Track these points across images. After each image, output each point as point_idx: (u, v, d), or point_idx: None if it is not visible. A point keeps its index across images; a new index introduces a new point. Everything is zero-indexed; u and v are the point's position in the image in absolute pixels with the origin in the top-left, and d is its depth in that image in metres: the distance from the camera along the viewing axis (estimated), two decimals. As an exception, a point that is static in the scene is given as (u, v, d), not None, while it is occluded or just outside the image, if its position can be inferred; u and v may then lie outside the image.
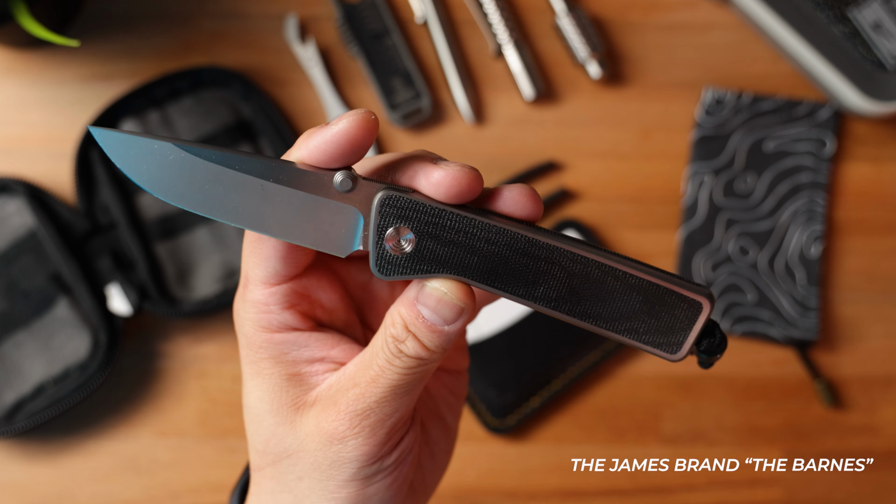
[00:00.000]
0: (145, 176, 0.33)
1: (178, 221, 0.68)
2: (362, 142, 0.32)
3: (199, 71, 0.69)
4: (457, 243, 0.33)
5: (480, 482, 0.67)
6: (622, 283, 0.33)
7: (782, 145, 0.71)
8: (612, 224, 0.71)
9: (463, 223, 0.33)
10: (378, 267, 0.33)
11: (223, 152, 0.33)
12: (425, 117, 0.71)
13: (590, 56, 0.71)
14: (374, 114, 0.33)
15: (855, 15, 0.69)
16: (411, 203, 0.32)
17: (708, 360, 0.35)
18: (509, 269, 0.33)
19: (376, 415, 0.34)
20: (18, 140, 0.70)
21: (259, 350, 0.36)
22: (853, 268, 0.71)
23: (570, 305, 0.33)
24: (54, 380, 0.64)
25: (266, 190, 0.33)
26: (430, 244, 0.33)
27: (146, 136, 0.33)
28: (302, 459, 0.35)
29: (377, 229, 0.33)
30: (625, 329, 0.34)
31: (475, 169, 0.33)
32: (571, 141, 0.72)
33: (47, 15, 0.67)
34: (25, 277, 0.65)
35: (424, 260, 0.33)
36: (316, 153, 0.33)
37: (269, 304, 0.36)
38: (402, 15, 0.73)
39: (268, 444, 0.37)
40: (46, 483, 0.66)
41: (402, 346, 0.33)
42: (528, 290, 0.33)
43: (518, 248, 0.33)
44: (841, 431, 0.69)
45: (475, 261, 0.33)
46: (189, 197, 0.33)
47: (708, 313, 0.34)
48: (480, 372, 0.67)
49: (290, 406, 0.36)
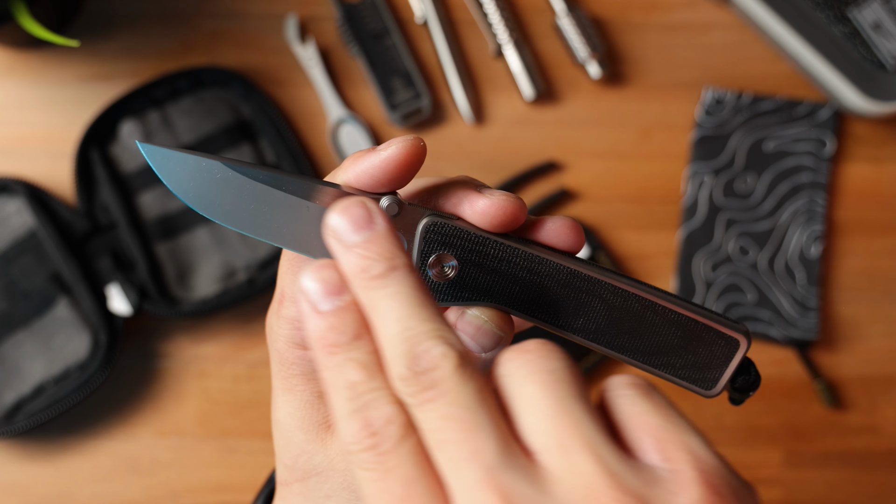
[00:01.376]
0: (192, 194, 0.33)
1: (178, 221, 0.68)
2: (410, 168, 0.32)
3: (199, 71, 0.69)
4: (499, 272, 0.33)
5: (480, 482, 0.67)
6: (661, 318, 0.33)
7: (782, 145, 0.71)
8: (612, 224, 0.71)
9: (506, 252, 0.33)
10: None
11: (270, 172, 0.33)
12: (425, 117, 0.71)
13: (590, 56, 0.71)
14: (422, 140, 0.33)
15: (855, 15, 0.69)
16: (455, 230, 0.33)
17: (741, 397, 0.35)
18: (550, 299, 0.33)
19: None
20: (18, 140, 0.70)
21: (291, 367, 0.36)
22: (853, 268, 0.71)
23: (609, 338, 0.33)
24: (54, 380, 0.64)
25: (311, 212, 0.33)
26: (473, 272, 0.33)
27: (194, 154, 0.33)
28: (331, 478, 0.35)
29: (421, 255, 0.33)
30: (661, 363, 0.34)
31: (520, 198, 0.33)
32: (571, 141, 0.72)
33: (47, 15, 0.67)
34: (25, 277, 0.65)
35: (466, 287, 0.33)
36: (364, 177, 0.33)
37: None
38: (402, 15, 0.73)
39: (297, 460, 0.36)
40: (46, 483, 0.66)
41: None
42: (568, 322, 0.33)
43: (560, 279, 0.33)
44: (841, 431, 0.69)
45: (517, 290, 0.33)
46: (235, 215, 0.33)
47: (745, 350, 0.34)
48: (480, 372, 0.67)
49: (321, 424, 0.36)
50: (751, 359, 0.34)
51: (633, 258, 0.70)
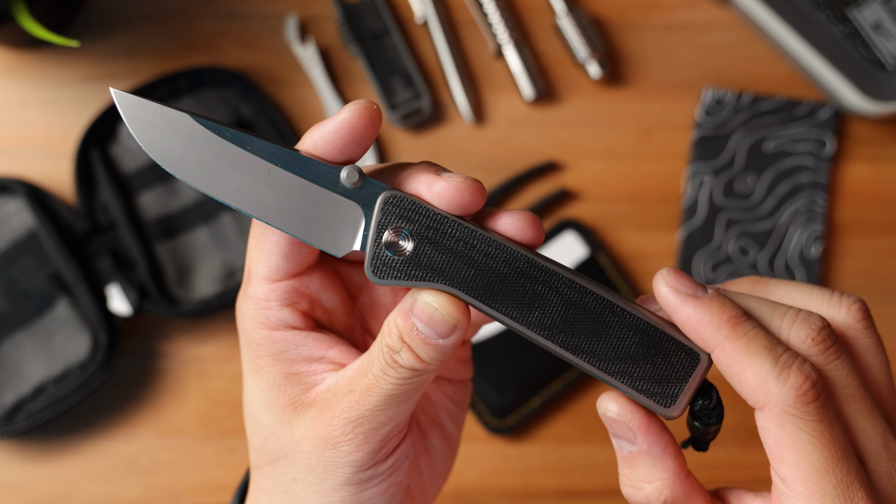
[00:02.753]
0: (156, 145, 0.33)
1: (178, 221, 0.68)
2: (365, 131, 0.33)
3: (199, 71, 0.69)
4: (455, 252, 0.32)
5: (480, 482, 0.67)
6: (620, 321, 0.32)
7: (782, 145, 0.71)
8: (612, 224, 0.71)
9: (464, 233, 0.32)
10: (373, 267, 0.33)
11: (236, 131, 0.33)
12: (425, 117, 0.71)
13: (590, 56, 0.71)
14: (375, 104, 0.33)
15: (855, 15, 0.69)
16: (415, 205, 0.32)
17: (703, 429, 0.34)
18: (506, 287, 0.32)
19: (370, 423, 0.34)
20: (18, 140, 0.70)
21: (258, 347, 0.36)
22: (853, 268, 0.71)
23: (564, 336, 0.33)
24: (54, 380, 0.64)
25: (272, 175, 0.33)
26: (429, 250, 0.32)
27: (164, 105, 0.33)
28: (297, 461, 0.35)
29: (378, 227, 0.32)
30: (619, 371, 0.33)
31: (478, 181, 0.33)
32: (571, 141, 0.72)
33: (47, 15, 0.67)
34: (25, 277, 0.65)
35: (421, 266, 0.32)
36: (320, 143, 0.33)
37: (270, 301, 0.36)
38: (402, 15, 0.73)
39: (265, 442, 0.37)
40: (46, 483, 0.66)
41: (397, 357, 0.33)
42: (523, 314, 0.32)
43: (517, 266, 0.32)
44: (841, 431, 0.69)
45: (472, 274, 0.32)
46: (196, 172, 0.33)
47: (706, 367, 0.33)
48: (480, 372, 0.67)
49: (288, 405, 0.36)
50: (713, 384, 0.34)
51: (633, 258, 0.70)
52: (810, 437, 0.31)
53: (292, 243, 0.35)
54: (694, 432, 0.35)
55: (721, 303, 0.32)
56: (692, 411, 0.34)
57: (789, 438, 0.31)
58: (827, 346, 0.32)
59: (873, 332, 0.34)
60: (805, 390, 0.31)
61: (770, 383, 0.31)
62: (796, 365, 0.31)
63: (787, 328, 0.33)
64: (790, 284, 0.35)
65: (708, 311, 0.32)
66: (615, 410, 0.33)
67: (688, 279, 0.32)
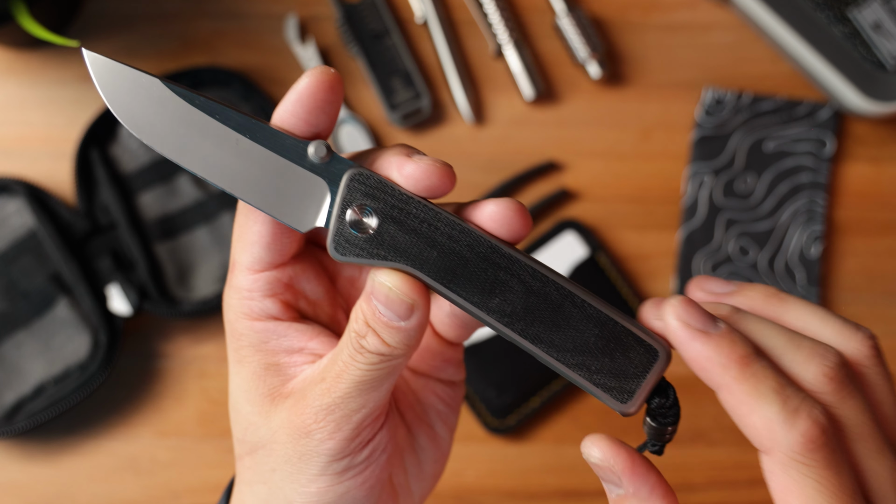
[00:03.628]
0: (126, 110, 0.33)
1: (178, 221, 0.68)
2: (326, 97, 0.33)
3: (199, 71, 0.69)
4: (419, 233, 0.32)
5: (480, 482, 0.67)
6: (580, 312, 0.32)
7: (782, 145, 0.71)
8: (612, 224, 0.71)
9: (428, 214, 0.32)
10: (335, 244, 0.33)
11: (207, 99, 0.33)
12: (425, 117, 0.71)
13: (590, 56, 0.71)
14: (333, 69, 0.33)
15: (855, 15, 0.69)
16: (380, 183, 0.32)
17: (659, 429, 0.33)
18: (467, 271, 0.32)
19: (342, 410, 0.34)
20: (18, 140, 0.70)
21: (241, 337, 0.36)
22: (853, 268, 0.71)
23: (524, 325, 0.32)
24: (54, 380, 0.64)
25: (240, 145, 0.33)
26: (392, 229, 0.32)
27: (136, 69, 0.33)
28: (275, 451, 0.35)
29: (342, 203, 0.32)
30: (577, 364, 0.33)
31: (448, 165, 0.33)
32: (571, 141, 0.72)
33: (47, 15, 0.67)
34: (25, 277, 0.65)
35: (383, 245, 0.32)
36: (286, 116, 0.33)
37: (252, 291, 0.36)
38: (402, 15, 0.73)
39: (245, 433, 0.37)
40: (46, 483, 0.66)
41: (363, 342, 0.33)
42: (483, 300, 0.32)
43: (479, 251, 0.32)
44: (841, 431, 0.69)
45: (434, 255, 0.32)
46: (163, 139, 0.33)
47: (664, 364, 0.33)
48: (480, 372, 0.67)
49: (267, 396, 0.36)
50: (671, 384, 0.33)
51: (633, 258, 0.70)
52: (816, 484, 0.30)
53: (274, 233, 0.35)
54: (650, 433, 0.34)
55: (731, 341, 0.31)
56: (649, 410, 0.34)
57: (795, 485, 0.31)
58: (842, 384, 0.32)
59: (884, 369, 0.34)
60: (813, 437, 0.30)
61: (777, 429, 0.31)
62: (805, 410, 0.30)
63: (801, 362, 0.32)
64: (805, 307, 0.35)
65: (717, 351, 0.31)
66: (598, 456, 0.33)
67: (699, 312, 0.32)
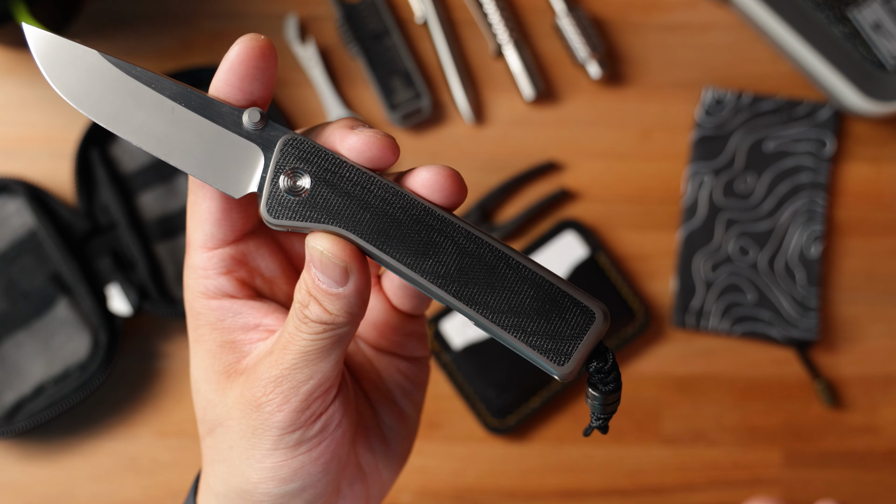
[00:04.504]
0: (66, 82, 0.34)
1: (179, 221, 0.68)
2: (258, 63, 0.33)
3: (199, 71, 0.69)
4: (352, 196, 0.32)
5: (480, 482, 0.67)
6: (515, 273, 0.32)
7: (782, 145, 0.71)
8: (612, 224, 0.71)
9: (361, 177, 0.32)
10: (268, 206, 0.33)
11: (143, 70, 0.34)
12: (425, 117, 0.71)
13: (590, 56, 0.71)
14: (263, 36, 0.33)
15: (855, 15, 0.69)
16: (314, 148, 0.33)
17: (601, 398, 0.33)
18: (401, 233, 0.32)
19: (289, 381, 0.34)
20: (18, 140, 0.70)
21: (198, 316, 0.36)
22: (853, 268, 0.71)
23: (458, 287, 0.32)
24: (54, 380, 0.64)
25: (175, 113, 0.33)
26: (326, 192, 0.32)
27: (74, 41, 0.34)
28: (231, 428, 0.36)
29: (276, 167, 0.33)
30: (512, 325, 0.32)
31: (390, 136, 0.33)
32: (571, 141, 0.72)
33: (47, 15, 0.67)
34: (25, 277, 0.65)
35: (316, 208, 0.32)
36: (220, 85, 0.33)
37: (207, 269, 0.36)
38: (402, 15, 0.73)
39: (205, 412, 0.37)
40: (46, 483, 0.66)
41: (306, 311, 0.33)
42: (417, 261, 0.32)
43: (413, 213, 0.32)
44: (841, 431, 0.69)
45: (367, 217, 0.32)
46: (101, 109, 0.33)
47: (601, 326, 0.32)
48: (480, 372, 0.67)
49: (223, 373, 0.36)
50: (610, 349, 0.33)
51: (633, 258, 0.70)
52: None
53: (223, 209, 0.35)
54: (593, 406, 0.34)
55: None
56: (589, 379, 0.33)
57: None
58: None
59: None
60: None
61: None
62: None
63: None
64: None
65: None
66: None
67: None
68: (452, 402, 0.68)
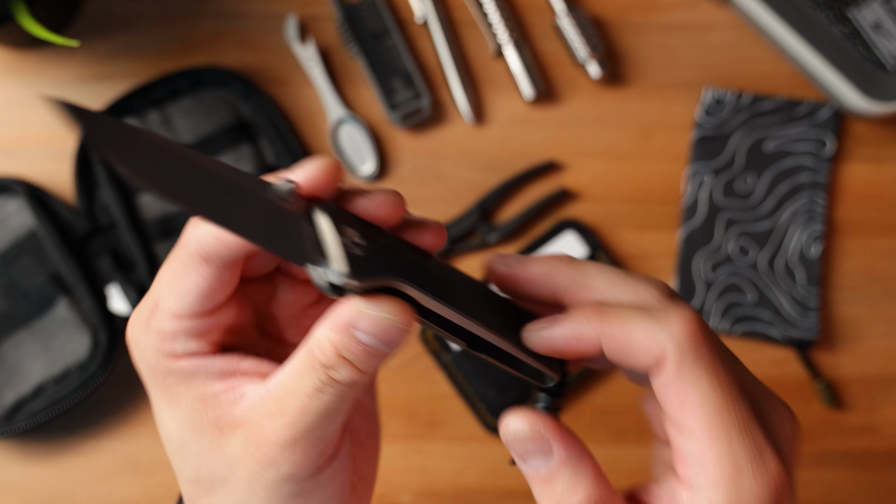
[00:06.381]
0: None
1: (179, 221, 0.68)
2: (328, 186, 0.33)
3: (199, 71, 0.69)
4: (394, 251, 0.33)
5: (480, 482, 0.67)
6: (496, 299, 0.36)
7: (782, 145, 0.71)
8: (612, 224, 0.71)
9: (386, 236, 0.33)
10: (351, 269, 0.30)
11: None
12: (425, 117, 0.71)
13: (590, 56, 0.71)
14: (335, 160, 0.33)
15: (855, 15, 0.69)
16: (342, 211, 0.32)
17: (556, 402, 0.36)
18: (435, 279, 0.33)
19: (308, 440, 0.32)
20: (18, 140, 0.70)
21: (167, 377, 0.34)
22: (853, 268, 0.71)
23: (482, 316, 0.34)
24: (54, 380, 0.64)
25: None
26: (375, 246, 0.31)
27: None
28: (237, 487, 0.34)
29: (337, 229, 0.31)
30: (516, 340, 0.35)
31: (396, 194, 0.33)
32: (571, 141, 0.72)
33: (47, 15, 0.67)
34: (25, 277, 0.65)
35: (382, 263, 0.31)
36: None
37: (177, 334, 0.34)
38: (402, 15, 0.73)
39: (198, 472, 0.35)
40: (46, 483, 0.66)
41: (332, 374, 0.31)
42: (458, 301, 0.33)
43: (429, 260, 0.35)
44: (841, 431, 0.69)
45: (418, 270, 0.33)
46: None
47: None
48: (480, 372, 0.67)
49: (214, 428, 0.34)
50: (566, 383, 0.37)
51: (633, 258, 0.70)
52: (709, 377, 0.31)
53: (214, 287, 0.33)
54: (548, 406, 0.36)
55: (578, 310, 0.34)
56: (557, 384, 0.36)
57: (689, 385, 0.31)
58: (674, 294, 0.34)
59: None
60: (693, 328, 0.32)
61: (657, 332, 0.32)
62: (673, 310, 0.32)
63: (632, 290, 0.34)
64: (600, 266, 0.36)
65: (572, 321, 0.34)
66: (525, 428, 0.33)
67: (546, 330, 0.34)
68: (452, 401, 0.68)
